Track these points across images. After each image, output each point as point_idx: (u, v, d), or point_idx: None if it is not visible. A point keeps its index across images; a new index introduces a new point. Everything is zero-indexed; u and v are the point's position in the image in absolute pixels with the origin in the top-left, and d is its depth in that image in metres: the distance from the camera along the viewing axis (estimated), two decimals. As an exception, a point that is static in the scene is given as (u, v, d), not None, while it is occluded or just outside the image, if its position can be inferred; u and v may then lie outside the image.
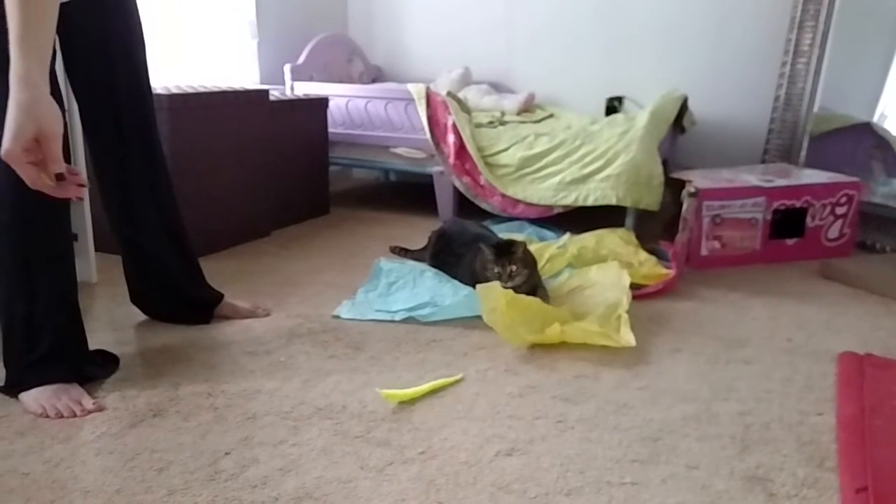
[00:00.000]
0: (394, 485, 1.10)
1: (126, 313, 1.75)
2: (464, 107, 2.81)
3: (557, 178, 2.50)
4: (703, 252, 2.25)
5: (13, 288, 1.33)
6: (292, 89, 3.06)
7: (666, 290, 1.99)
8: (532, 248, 1.99)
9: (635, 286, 1.94)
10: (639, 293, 1.94)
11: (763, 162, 2.86)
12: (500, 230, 2.31)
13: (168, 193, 1.62)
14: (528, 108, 3.16)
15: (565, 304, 1.82)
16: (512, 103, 3.13)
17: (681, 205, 2.19)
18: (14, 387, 1.34)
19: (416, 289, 1.91)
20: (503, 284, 1.69)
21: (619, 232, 2.31)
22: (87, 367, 1.42)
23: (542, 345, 1.62)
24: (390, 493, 1.08)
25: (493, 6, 3.43)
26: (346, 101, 2.93)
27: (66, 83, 1.47)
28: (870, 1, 2.71)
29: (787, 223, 2.31)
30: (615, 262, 2.01)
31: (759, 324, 1.80)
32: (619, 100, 3.19)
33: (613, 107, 3.17)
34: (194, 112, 2.20)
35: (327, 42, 3.36)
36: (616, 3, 3.19)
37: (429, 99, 2.73)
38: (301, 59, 3.20)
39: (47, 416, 1.28)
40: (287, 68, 3.10)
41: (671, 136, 2.84)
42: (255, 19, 3.13)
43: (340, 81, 3.35)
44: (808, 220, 2.31)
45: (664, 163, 2.48)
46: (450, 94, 2.82)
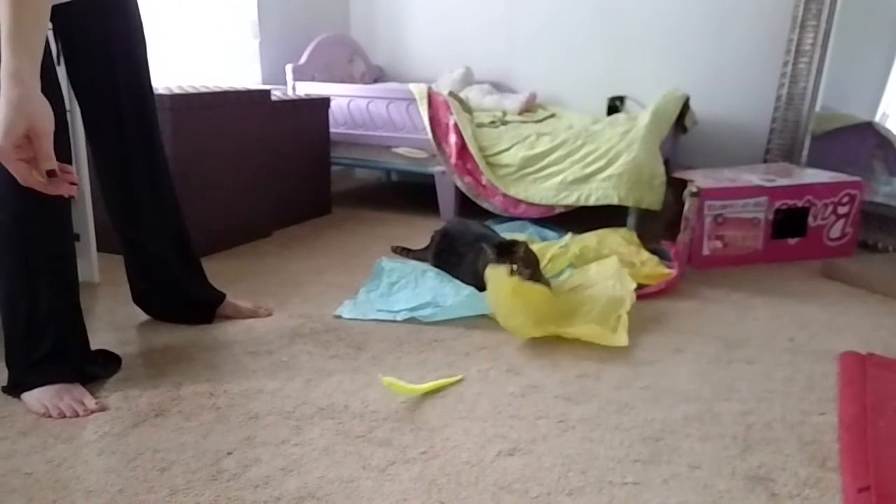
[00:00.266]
0: (396, 484, 1.10)
1: (128, 313, 1.76)
2: (465, 107, 2.81)
3: (559, 178, 2.50)
4: (705, 252, 2.25)
5: (15, 288, 1.33)
6: (294, 89, 3.06)
7: (668, 290, 1.99)
8: (534, 247, 1.99)
9: (637, 286, 1.94)
10: (641, 293, 1.94)
11: (765, 161, 2.86)
12: (502, 230, 2.31)
13: (170, 194, 1.62)
14: (529, 107, 3.16)
15: (567, 303, 1.82)
16: (513, 103, 3.13)
17: (682, 204, 2.19)
18: (16, 387, 1.34)
19: (418, 289, 1.91)
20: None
21: (621, 232, 2.31)
22: (90, 367, 1.42)
23: (544, 344, 1.62)
24: (392, 493, 1.08)
25: (494, 6, 3.43)
26: (347, 101, 2.94)
27: (68, 84, 1.47)
28: (871, 0, 2.71)
29: (789, 223, 2.31)
30: (614, 257, 2.01)
31: (761, 323, 1.80)
32: (621, 99, 3.19)
33: (615, 106, 3.17)
34: (196, 112, 2.20)
35: (329, 42, 3.37)
36: (617, 2, 3.19)
37: (430, 99, 2.73)
38: (303, 60, 3.20)
39: (50, 416, 1.28)
40: (289, 68, 3.11)
41: (673, 136, 2.84)
42: (256, 19, 3.14)
43: (342, 81, 3.35)
44: (809, 219, 2.31)
45: (666, 162, 2.48)
46: (451, 93, 2.82)
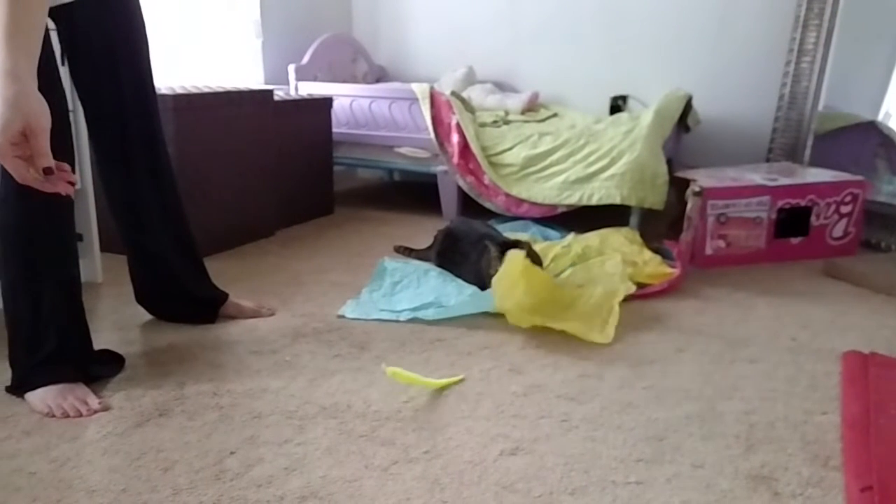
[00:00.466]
0: (398, 484, 1.10)
1: (131, 313, 1.76)
2: (468, 106, 2.81)
3: (562, 178, 2.50)
4: (708, 251, 2.25)
5: (18, 288, 1.33)
6: (296, 89, 3.06)
7: (670, 290, 1.99)
8: (536, 247, 1.99)
9: (640, 285, 1.95)
10: (643, 292, 1.94)
11: (767, 161, 2.85)
12: (504, 230, 2.31)
13: (173, 193, 1.62)
14: (532, 107, 3.16)
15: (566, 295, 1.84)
16: (516, 102, 3.13)
17: (685, 204, 2.19)
18: (20, 386, 1.35)
19: (421, 288, 1.91)
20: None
21: (624, 231, 2.31)
22: (93, 367, 1.42)
23: (546, 343, 1.62)
24: (395, 492, 1.08)
25: (496, 6, 3.43)
26: (350, 100, 2.94)
27: (71, 84, 1.48)
28: (874, -1, 2.71)
29: (792, 222, 2.31)
30: (617, 256, 2.01)
31: (764, 323, 1.80)
32: (624, 99, 3.19)
33: (618, 106, 3.17)
34: (199, 112, 2.20)
35: (331, 42, 3.37)
36: (620, 2, 3.19)
37: (433, 98, 2.73)
38: (305, 59, 3.20)
39: (53, 416, 1.28)
40: (291, 68, 3.11)
41: (676, 135, 2.83)
42: (259, 19, 3.14)
43: (344, 81, 3.35)
44: (812, 218, 2.31)
45: (669, 162, 2.48)
46: (454, 93, 2.82)
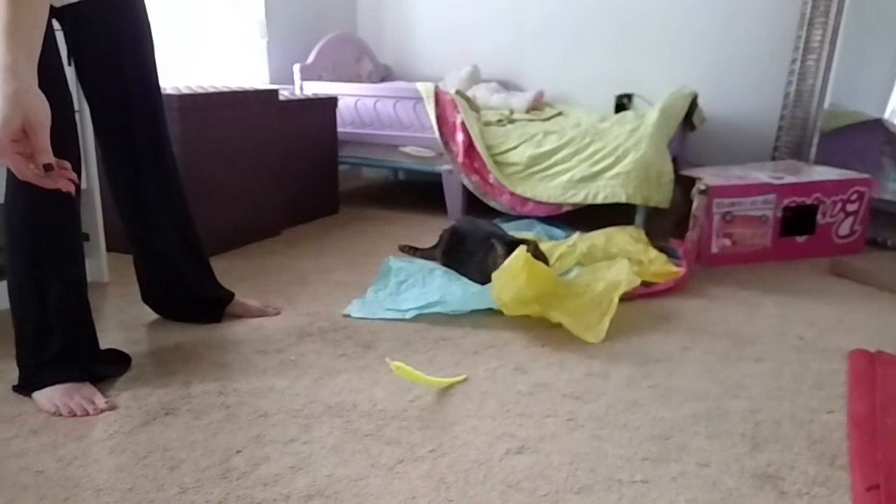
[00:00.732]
0: (404, 483, 1.10)
1: (137, 312, 1.76)
2: (472, 105, 2.81)
3: (567, 176, 2.50)
4: (714, 250, 2.24)
5: (25, 288, 1.34)
6: (301, 89, 3.06)
7: (676, 288, 1.99)
8: (542, 246, 1.99)
9: (646, 283, 1.94)
10: (649, 291, 1.94)
11: (773, 159, 2.85)
12: (510, 228, 2.31)
13: (178, 193, 1.63)
14: (536, 105, 3.15)
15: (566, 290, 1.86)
16: (521, 101, 3.13)
17: (691, 202, 2.19)
18: (27, 386, 1.35)
19: (426, 287, 1.91)
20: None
21: (629, 230, 2.31)
22: (99, 366, 1.43)
23: (551, 342, 1.62)
24: (401, 491, 1.08)
25: (501, 5, 3.43)
26: (355, 100, 2.94)
27: (77, 85, 1.48)
28: (880, -3, 2.70)
29: (798, 220, 2.30)
30: (625, 261, 2.00)
31: (770, 321, 1.79)
32: (629, 97, 3.18)
33: (623, 104, 3.16)
34: (204, 112, 2.20)
35: (336, 41, 3.37)
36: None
37: (437, 97, 2.73)
38: (310, 59, 3.20)
39: (60, 415, 1.29)
40: (296, 68, 3.11)
41: (681, 134, 2.83)
42: (264, 19, 3.14)
43: (349, 81, 3.35)
44: (818, 217, 2.30)
45: (674, 160, 2.47)
46: (458, 92, 2.82)
